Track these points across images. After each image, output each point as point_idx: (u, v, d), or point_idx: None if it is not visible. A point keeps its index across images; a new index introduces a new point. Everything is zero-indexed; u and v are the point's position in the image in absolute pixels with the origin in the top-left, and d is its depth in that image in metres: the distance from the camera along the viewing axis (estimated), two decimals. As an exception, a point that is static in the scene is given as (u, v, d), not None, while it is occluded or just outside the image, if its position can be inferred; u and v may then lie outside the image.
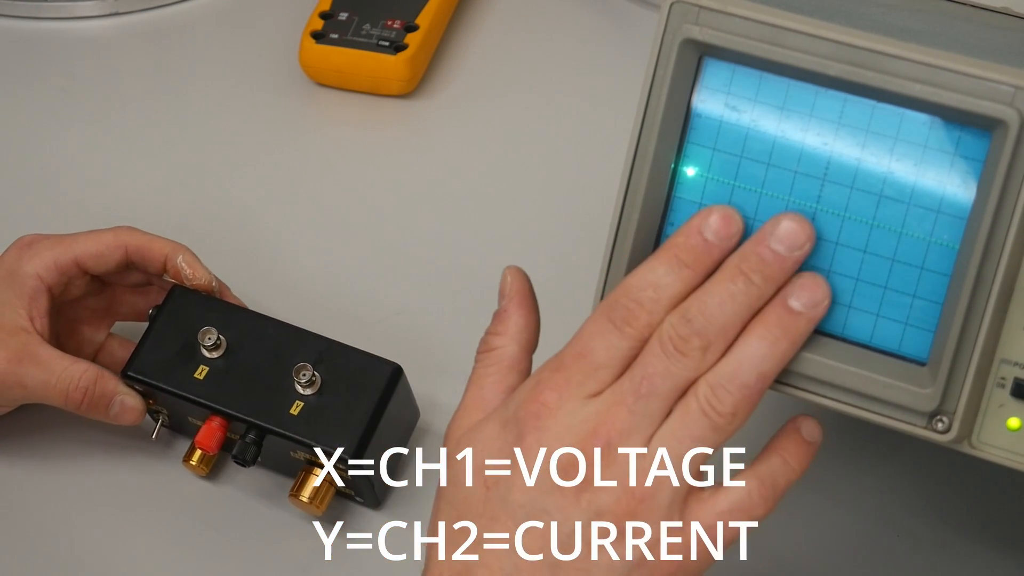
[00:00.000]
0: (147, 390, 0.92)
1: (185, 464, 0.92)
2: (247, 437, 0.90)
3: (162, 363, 0.92)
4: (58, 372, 0.90)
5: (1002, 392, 0.72)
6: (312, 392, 0.90)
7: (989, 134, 0.70)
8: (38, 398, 0.90)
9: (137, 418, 0.92)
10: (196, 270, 0.93)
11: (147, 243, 0.94)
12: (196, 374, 0.91)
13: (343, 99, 1.15)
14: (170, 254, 0.93)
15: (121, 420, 0.92)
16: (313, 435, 0.89)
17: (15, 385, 0.89)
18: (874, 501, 0.92)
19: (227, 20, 1.21)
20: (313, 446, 0.88)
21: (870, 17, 0.76)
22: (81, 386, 0.89)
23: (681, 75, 0.74)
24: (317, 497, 0.90)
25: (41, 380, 0.89)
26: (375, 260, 1.05)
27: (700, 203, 0.76)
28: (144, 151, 1.13)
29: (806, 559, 0.90)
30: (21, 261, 0.92)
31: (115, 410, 0.91)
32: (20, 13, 1.21)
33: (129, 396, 0.91)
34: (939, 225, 0.72)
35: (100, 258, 0.93)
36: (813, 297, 0.71)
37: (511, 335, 0.77)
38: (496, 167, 1.11)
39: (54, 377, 0.89)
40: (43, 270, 0.92)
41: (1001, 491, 0.92)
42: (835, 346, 0.74)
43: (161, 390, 0.91)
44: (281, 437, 0.89)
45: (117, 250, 0.93)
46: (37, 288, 0.91)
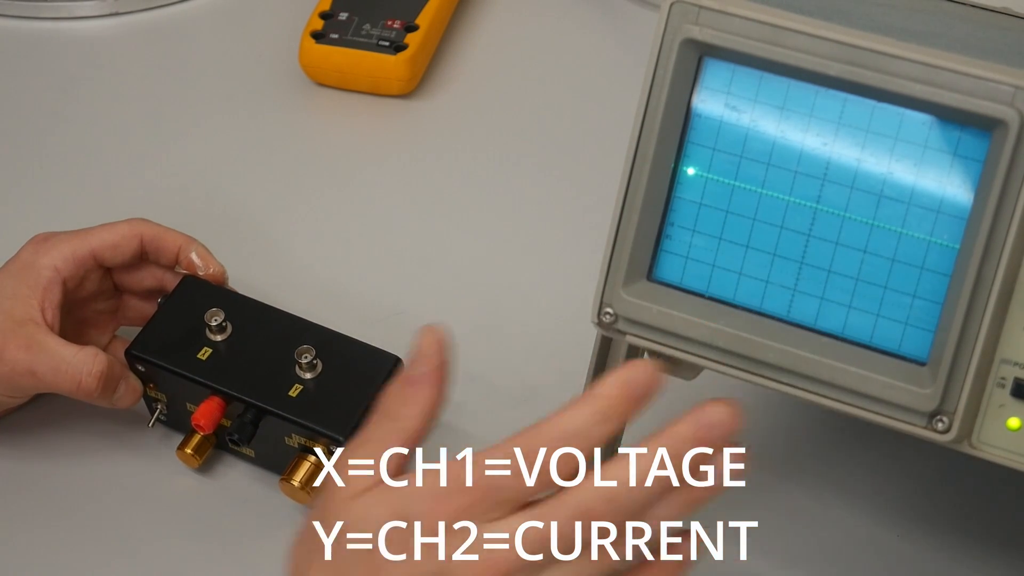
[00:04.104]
0: (149, 370, 0.92)
1: (179, 453, 0.92)
2: (244, 417, 0.90)
3: (166, 344, 0.92)
4: (68, 359, 0.90)
5: (1002, 392, 0.72)
6: (312, 376, 0.90)
7: (989, 134, 0.70)
8: (48, 386, 0.90)
9: (134, 401, 0.93)
10: (209, 262, 0.95)
11: (161, 233, 0.95)
12: (199, 355, 0.92)
13: (343, 99, 1.15)
14: (183, 246, 0.95)
15: (121, 403, 0.92)
16: (310, 417, 0.89)
17: (26, 373, 0.90)
18: (874, 501, 0.92)
19: (227, 20, 1.21)
20: (309, 427, 0.89)
21: (870, 17, 0.76)
22: (95, 372, 0.90)
23: (681, 75, 0.74)
24: (309, 484, 0.90)
25: (51, 367, 0.90)
26: (375, 260, 1.05)
27: (700, 203, 0.76)
28: (144, 151, 1.13)
29: (806, 559, 0.90)
30: (37, 255, 0.93)
31: (120, 393, 0.92)
32: (20, 13, 1.21)
33: (131, 378, 0.93)
34: (939, 225, 0.72)
35: (116, 248, 0.94)
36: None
37: (419, 411, 0.72)
38: (496, 167, 1.11)
39: (65, 364, 0.90)
40: (60, 262, 0.93)
41: (1001, 491, 0.92)
42: (835, 346, 0.74)
43: (163, 368, 0.92)
44: (278, 417, 0.90)
45: (133, 239, 0.94)
46: (52, 279, 0.92)
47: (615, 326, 0.78)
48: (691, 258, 0.76)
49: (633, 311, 0.77)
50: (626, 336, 0.78)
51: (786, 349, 0.74)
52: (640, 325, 0.77)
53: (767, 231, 0.75)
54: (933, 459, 0.93)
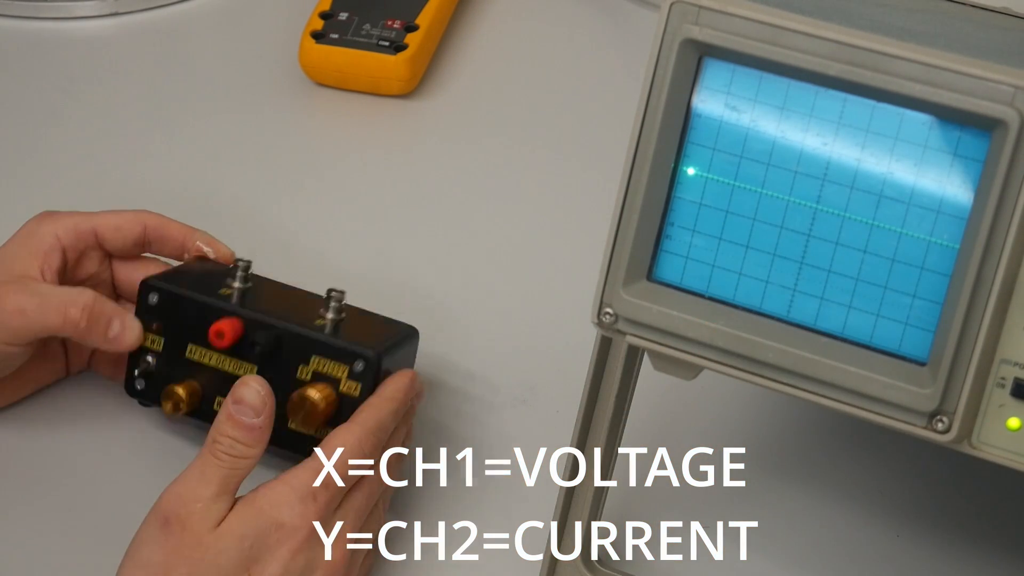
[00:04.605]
0: (162, 300, 0.92)
1: (165, 405, 0.92)
2: (268, 331, 0.90)
3: (186, 281, 0.93)
4: (56, 293, 0.91)
5: (1002, 392, 0.72)
6: (336, 317, 0.90)
7: (989, 134, 0.70)
8: (38, 324, 0.90)
9: (134, 341, 0.92)
10: (217, 246, 0.96)
11: (165, 224, 0.96)
12: (221, 291, 0.92)
13: (343, 99, 1.15)
14: (188, 236, 0.96)
15: (120, 343, 0.92)
16: (340, 338, 0.89)
17: (16, 312, 0.90)
18: (874, 501, 0.92)
19: (227, 20, 1.21)
20: (339, 346, 0.89)
21: (870, 17, 0.76)
22: (80, 303, 0.90)
23: (681, 75, 0.74)
24: (316, 415, 0.89)
25: (38, 304, 0.90)
26: (374, 260, 1.05)
27: (700, 203, 0.76)
28: (144, 151, 1.13)
29: (806, 559, 0.90)
30: (41, 224, 0.94)
31: (115, 331, 0.92)
32: (20, 13, 1.21)
33: (128, 317, 0.93)
34: (939, 225, 0.72)
35: (119, 231, 0.95)
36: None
37: (258, 452, 0.83)
38: (495, 167, 1.11)
39: (53, 297, 0.90)
40: (62, 231, 0.94)
41: (1001, 491, 0.92)
42: (835, 346, 0.74)
43: (180, 297, 0.92)
44: (304, 338, 0.89)
45: (136, 226, 0.95)
46: (53, 246, 0.93)
47: (615, 326, 0.78)
48: (691, 258, 0.76)
49: (633, 311, 0.76)
50: (626, 336, 0.78)
51: (786, 349, 0.74)
52: (640, 325, 0.77)
53: (767, 231, 0.75)
54: (933, 459, 0.93)
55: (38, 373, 0.96)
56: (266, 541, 0.81)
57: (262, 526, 0.82)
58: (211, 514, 0.81)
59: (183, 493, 0.82)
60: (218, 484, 0.82)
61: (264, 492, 0.82)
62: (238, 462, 0.83)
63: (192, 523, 0.81)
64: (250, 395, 0.83)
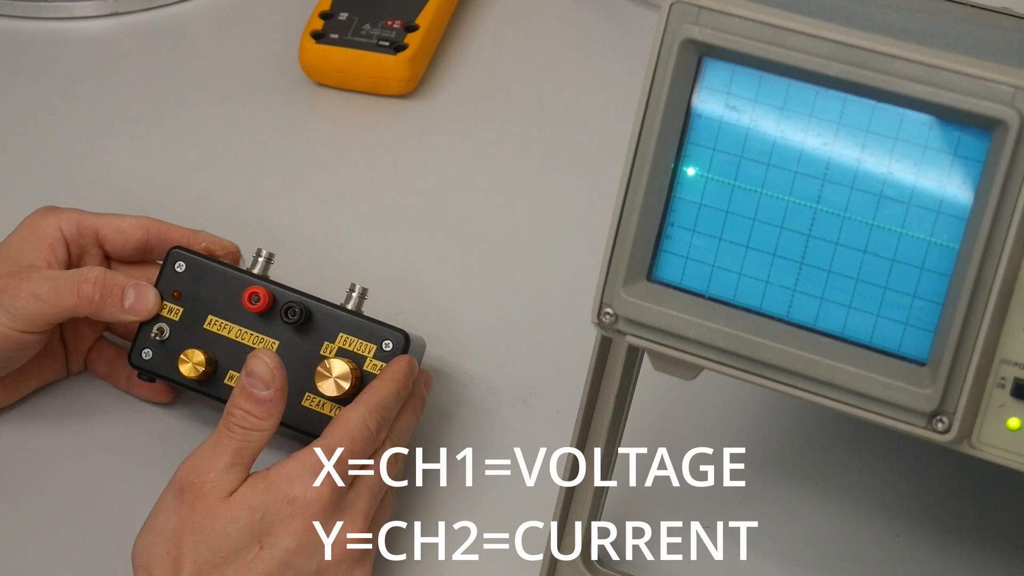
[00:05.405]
0: (189, 267, 0.93)
1: (182, 366, 0.92)
2: (299, 303, 0.91)
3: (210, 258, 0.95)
4: (65, 274, 0.92)
5: (1002, 392, 0.72)
6: (360, 300, 0.92)
7: (989, 134, 0.70)
8: (53, 307, 0.91)
9: (153, 308, 0.93)
10: (220, 243, 0.97)
11: (167, 229, 0.96)
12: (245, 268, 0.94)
13: (343, 99, 1.15)
14: (191, 238, 0.96)
15: (137, 310, 0.93)
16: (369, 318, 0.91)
17: (30, 297, 0.91)
18: (874, 501, 0.92)
19: (227, 20, 1.21)
20: (371, 320, 0.90)
21: (870, 17, 0.76)
22: (91, 278, 0.91)
23: (681, 75, 0.74)
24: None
25: (51, 287, 0.91)
26: (374, 260, 1.05)
27: (700, 203, 0.76)
28: (144, 151, 1.13)
29: (806, 559, 0.90)
30: (45, 216, 0.95)
31: (131, 299, 0.92)
32: (20, 13, 1.21)
33: (143, 284, 0.93)
34: (939, 225, 0.72)
35: (121, 233, 0.95)
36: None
37: (271, 425, 0.84)
38: (495, 167, 1.11)
39: (64, 279, 0.91)
40: (64, 224, 0.95)
41: (1001, 491, 0.92)
42: (835, 346, 0.74)
43: (212, 267, 0.93)
44: (334, 314, 0.91)
45: (138, 230, 0.96)
46: (57, 238, 0.94)
47: (615, 326, 0.78)
48: (691, 258, 0.76)
49: (633, 311, 0.76)
50: (626, 336, 0.78)
51: (786, 349, 0.74)
52: (640, 325, 0.77)
53: (767, 231, 0.75)
54: (933, 459, 0.93)
55: (39, 372, 0.97)
56: (278, 514, 0.82)
57: (274, 499, 0.83)
58: (223, 484, 0.83)
59: (197, 464, 0.83)
60: (230, 455, 0.83)
61: (276, 468, 0.84)
62: (249, 434, 0.84)
63: (204, 492, 0.82)
64: (260, 368, 0.84)
